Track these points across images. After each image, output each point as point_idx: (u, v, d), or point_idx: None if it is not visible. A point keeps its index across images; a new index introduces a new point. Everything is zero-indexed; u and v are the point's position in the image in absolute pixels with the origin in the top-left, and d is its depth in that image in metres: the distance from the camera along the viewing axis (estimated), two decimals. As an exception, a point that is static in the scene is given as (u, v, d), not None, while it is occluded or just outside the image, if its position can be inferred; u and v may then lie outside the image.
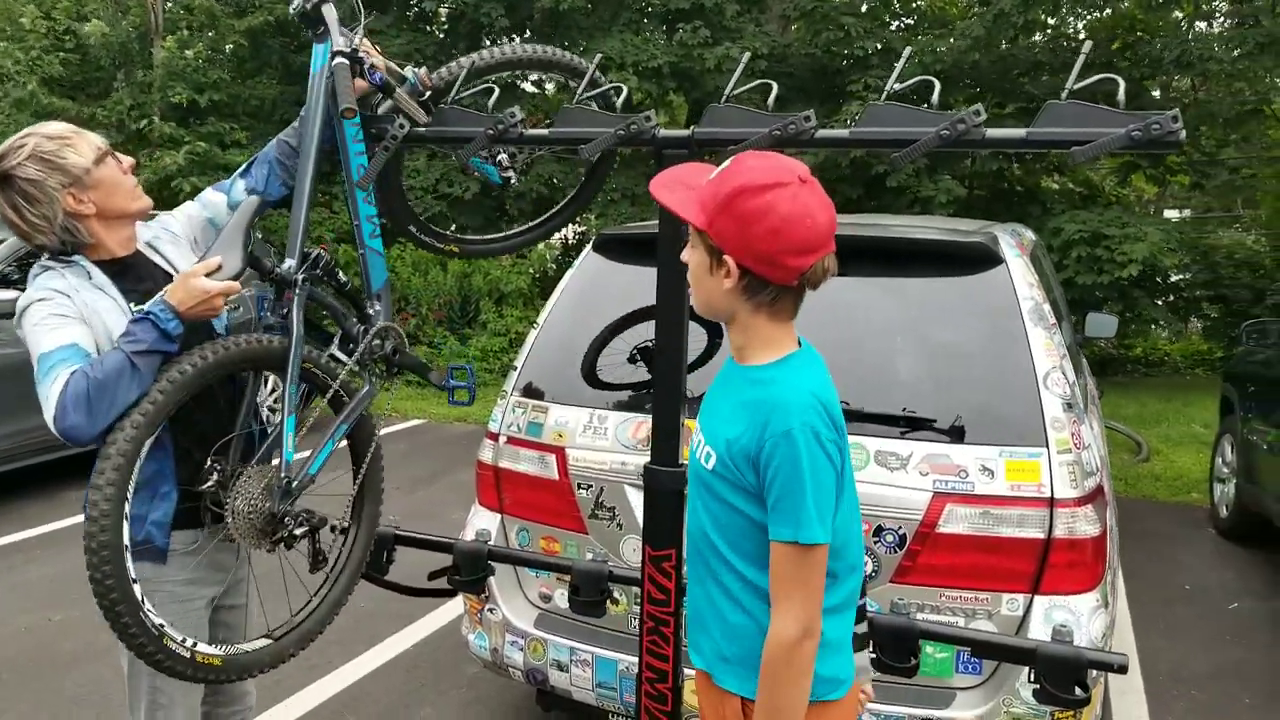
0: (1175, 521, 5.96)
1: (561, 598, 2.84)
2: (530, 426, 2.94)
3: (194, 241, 2.16)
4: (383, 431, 2.40)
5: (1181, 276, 11.55)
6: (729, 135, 1.87)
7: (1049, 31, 11.75)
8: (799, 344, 1.59)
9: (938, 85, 1.72)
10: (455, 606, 4.05)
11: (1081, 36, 12.05)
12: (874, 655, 2.04)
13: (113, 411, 1.77)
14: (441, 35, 12.94)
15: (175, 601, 2.00)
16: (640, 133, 1.91)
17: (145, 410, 1.77)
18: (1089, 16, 11.77)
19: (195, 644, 1.88)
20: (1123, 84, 1.57)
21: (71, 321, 1.85)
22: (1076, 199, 11.76)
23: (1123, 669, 1.88)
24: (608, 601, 2.75)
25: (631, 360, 2.72)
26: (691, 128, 1.90)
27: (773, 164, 1.49)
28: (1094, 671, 2.07)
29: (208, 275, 1.88)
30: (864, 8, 12.56)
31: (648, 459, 2.05)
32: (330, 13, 2.16)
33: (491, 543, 2.91)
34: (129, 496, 1.76)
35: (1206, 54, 9.76)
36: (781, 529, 1.47)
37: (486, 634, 2.98)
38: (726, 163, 1.53)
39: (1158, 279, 10.80)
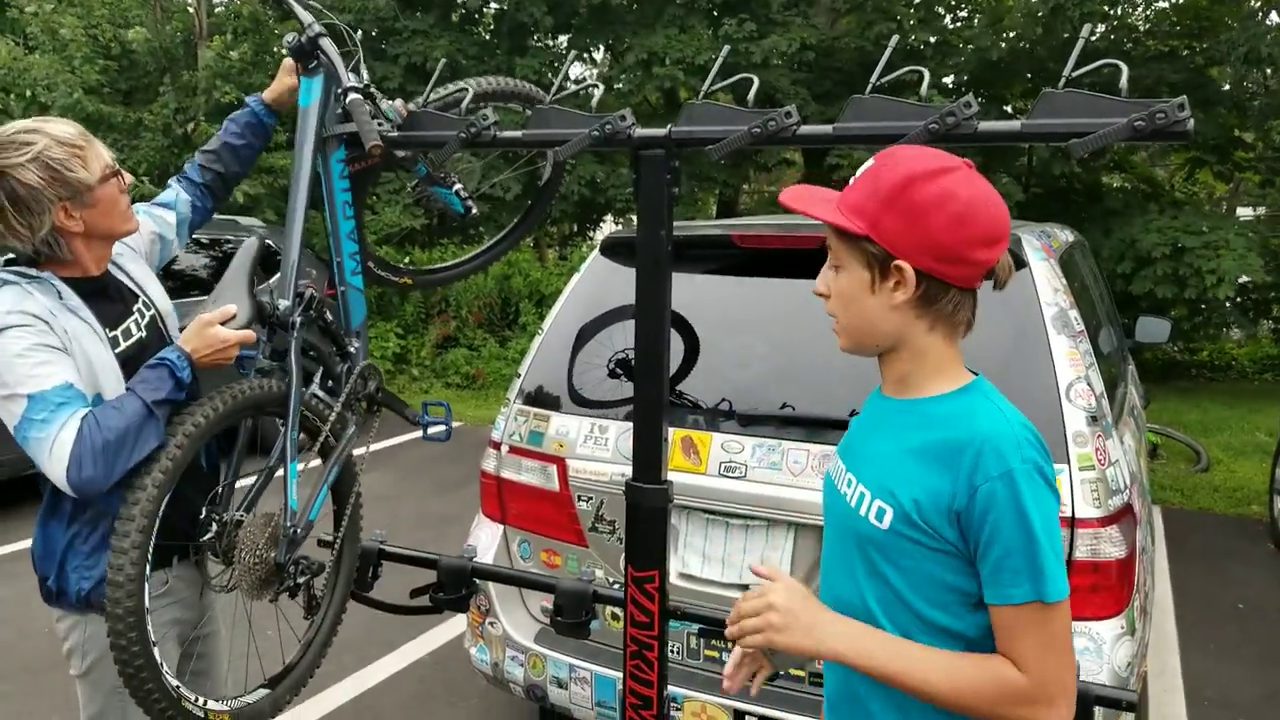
0: (1232, 535, 5.67)
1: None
2: (532, 436, 2.86)
3: (146, 257, 2.07)
4: (420, 433, 2.40)
5: (1250, 279, 11.09)
6: (707, 134, 1.76)
7: (1113, 22, 11.33)
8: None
9: (926, 74, 1.59)
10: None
11: (1144, 27, 11.62)
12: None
13: (130, 463, 1.68)
14: (486, 36, 12.96)
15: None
16: (616, 133, 1.81)
17: (165, 467, 1.69)
18: (1151, 9, 11.35)
19: (206, 703, 1.83)
20: (1125, 70, 1.43)
21: (60, 355, 1.70)
22: (1139, 197, 11.34)
23: (1131, 706, 1.73)
24: (609, 619, 2.67)
25: (612, 375, 2.62)
26: (669, 126, 1.79)
27: (934, 152, 1.28)
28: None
29: (222, 324, 1.81)
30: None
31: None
32: (330, 46, 2.09)
33: (490, 556, 2.87)
34: (150, 557, 1.68)
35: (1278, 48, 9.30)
36: (1016, 587, 1.20)
37: (488, 648, 2.90)
38: (870, 162, 1.30)
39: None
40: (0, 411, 1.70)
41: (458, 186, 2.31)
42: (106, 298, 1.88)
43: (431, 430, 2.39)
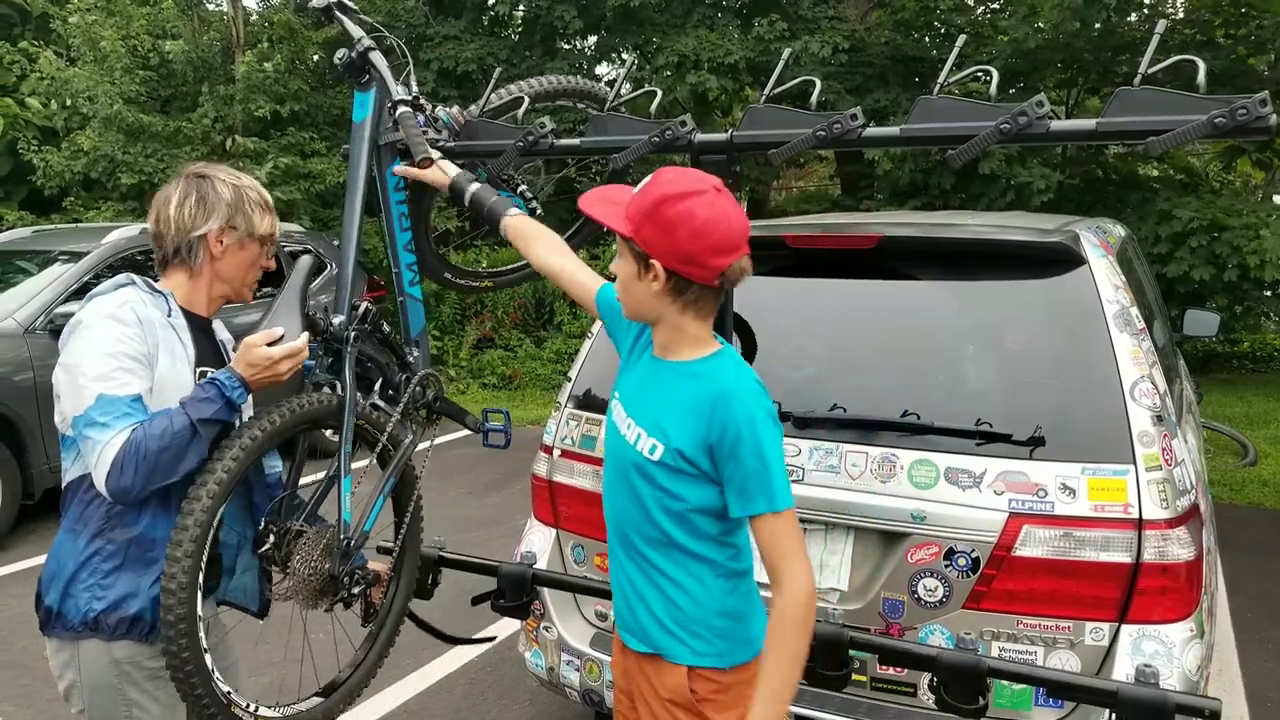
0: (1286, 531, 5.57)
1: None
2: (584, 440, 2.86)
3: None
4: (459, 434, 2.44)
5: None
6: (769, 138, 1.75)
7: (1144, 10, 11.14)
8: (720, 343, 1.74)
9: (995, 75, 1.56)
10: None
11: (1180, 15, 11.42)
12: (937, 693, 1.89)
13: (168, 478, 1.73)
14: (515, 39, 12.98)
15: (154, 679, 1.85)
16: (676, 138, 1.81)
17: (220, 480, 1.73)
18: (1189, -5, 11.14)
19: (257, 709, 1.87)
20: (1202, 66, 1.40)
21: (143, 369, 1.77)
22: (1177, 186, 11.14)
23: (1215, 715, 1.70)
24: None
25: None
26: (730, 131, 1.79)
27: (689, 175, 1.64)
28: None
29: (270, 345, 1.85)
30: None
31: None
32: (380, 60, 2.12)
33: (544, 560, 2.87)
34: (203, 568, 1.73)
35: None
36: (765, 502, 1.60)
37: (542, 652, 2.90)
38: (647, 179, 1.64)
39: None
40: (62, 386, 1.75)
41: (522, 188, 2.33)
42: (204, 334, 1.96)
43: (492, 439, 2.42)
